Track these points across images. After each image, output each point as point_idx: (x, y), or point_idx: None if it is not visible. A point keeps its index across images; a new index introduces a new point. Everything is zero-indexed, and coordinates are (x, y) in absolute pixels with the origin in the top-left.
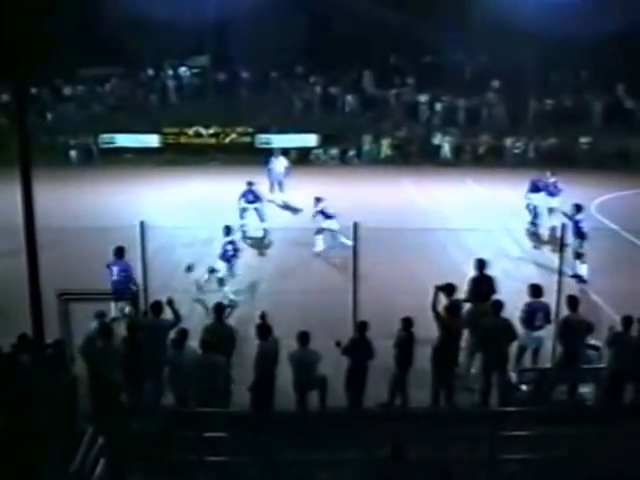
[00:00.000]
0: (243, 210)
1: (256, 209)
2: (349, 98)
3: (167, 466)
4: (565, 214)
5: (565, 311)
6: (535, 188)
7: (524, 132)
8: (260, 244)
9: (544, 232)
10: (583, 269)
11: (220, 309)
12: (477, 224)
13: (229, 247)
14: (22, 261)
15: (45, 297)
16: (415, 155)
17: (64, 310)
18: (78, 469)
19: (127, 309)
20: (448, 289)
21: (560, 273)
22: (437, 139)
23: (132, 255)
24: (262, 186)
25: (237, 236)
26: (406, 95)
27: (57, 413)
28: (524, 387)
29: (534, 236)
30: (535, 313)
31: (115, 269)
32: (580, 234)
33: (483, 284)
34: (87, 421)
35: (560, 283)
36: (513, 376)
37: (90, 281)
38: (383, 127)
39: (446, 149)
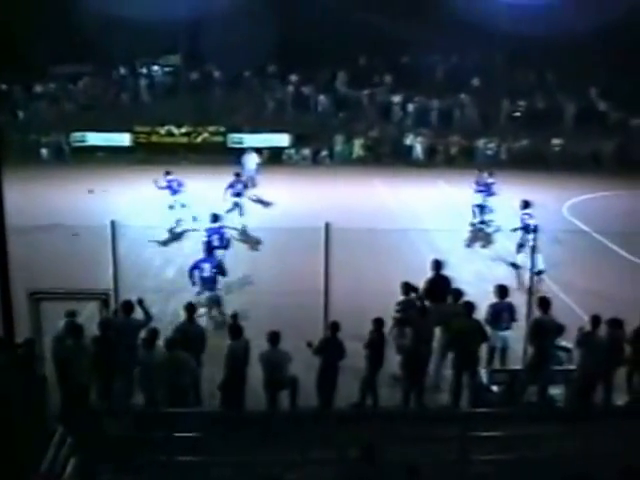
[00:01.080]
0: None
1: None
2: (322, 98)
3: (137, 466)
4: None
5: (536, 311)
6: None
7: (496, 133)
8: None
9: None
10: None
11: (192, 308)
12: (448, 225)
13: (214, 236)
14: None
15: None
16: (387, 156)
17: (35, 309)
18: (48, 469)
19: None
20: (405, 288)
21: (532, 274)
22: (409, 140)
23: (103, 255)
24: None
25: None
26: (379, 95)
27: (27, 413)
28: (495, 388)
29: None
30: (501, 313)
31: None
32: (526, 228)
33: (439, 284)
34: (57, 421)
35: (531, 284)
36: (484, 377)
37: (61, 280)
38: (356, 127)
39: (418, 150)
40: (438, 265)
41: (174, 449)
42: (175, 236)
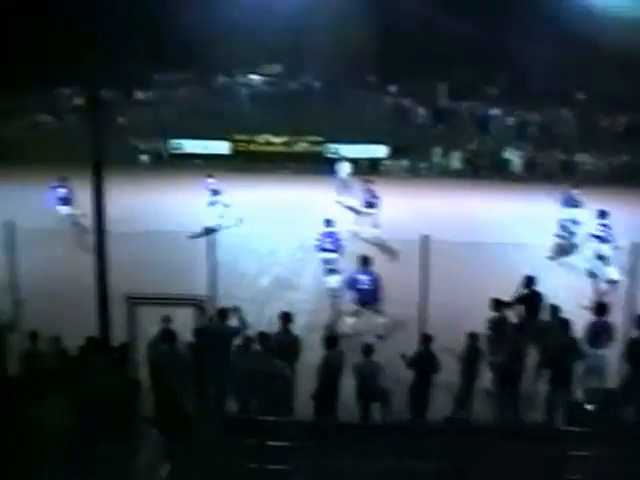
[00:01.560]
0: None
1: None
2: (421, 110)
3: (229, 473)
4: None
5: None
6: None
7: (596, 148)
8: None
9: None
10: (610, 272)
11: (286, 317)
12: (546, 240)
13: (327, 240)
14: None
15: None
16: (485, 169)
17: (132, 314)
18: (141, 472)
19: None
20: (495, 304)
21: (630, 291)
22: (508, 153)
23: (201, 262)
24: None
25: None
26: (478, 108)
27: (120, 415)
28: (590, 407)
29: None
30: (599, 332)
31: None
32: (601, 239)
33: (533, 300)
34: (150, 425)
35: (630, 302)
36: (579, 395)
37: (157, 286)
38: (454, 140)
39: (517, 163)
40: (531, 281)
41: (266, 457)
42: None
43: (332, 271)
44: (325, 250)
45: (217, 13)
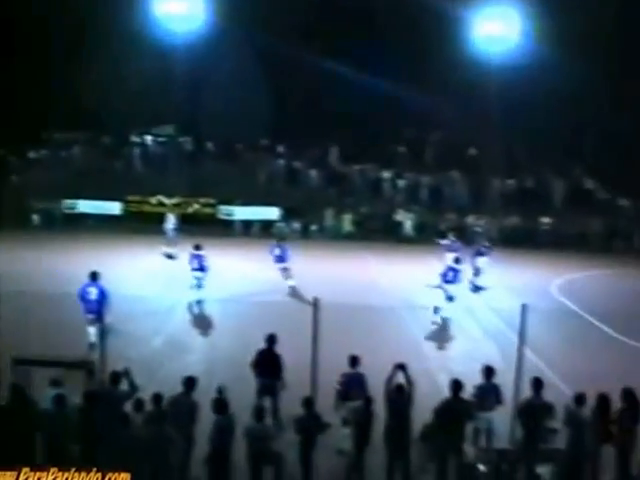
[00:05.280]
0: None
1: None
2: (312, 172)
3: None
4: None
5: (522, 391)
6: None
7: (486, 211)
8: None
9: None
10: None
11: (191, 382)
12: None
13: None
14: None
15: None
16: (377, 231)
17: (22, 375)
18: None
19: None
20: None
21: (519, 353)
22: (400, 216)
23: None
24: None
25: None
26: (369, 171)
27: None
28: (482, 467)
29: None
30: (487, 394)
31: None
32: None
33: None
34: None
35: (519, 363)
36: (471, 456)
37: (47, 346)
38: (346, 202)
39: (408, 226)
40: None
41: None
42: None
43: (198, 286)
44: (194, 269)
45: (110, 73)
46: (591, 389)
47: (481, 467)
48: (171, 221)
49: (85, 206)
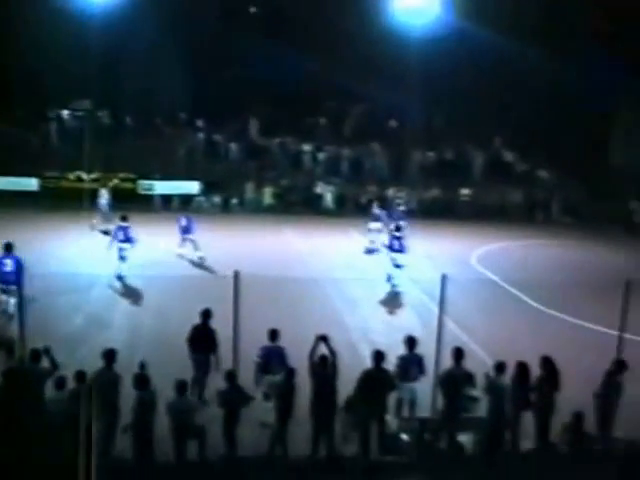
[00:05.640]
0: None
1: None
2: (233, 146)
3: None
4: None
5: (443, 361)
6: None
7: (407, 183)
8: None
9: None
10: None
11: (111, 355)
12: (359, 273)
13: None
14: None
15: None
16: (298, 204)
17: None
18: None
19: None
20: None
21: (440, 323)
22: (320, 188)
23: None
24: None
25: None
26: (289, 144)
27: None
28: (405, 436)
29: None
30: (409, 365)
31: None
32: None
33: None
34: None
35: (440, 333)
36: (393, 425)
37: None
38: (266, 176)
39: (328, 198)
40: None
41: None
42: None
43: (122, 258)
44: (120, 241)
45: (25, 46)
46: (510, 357)
47: (404, 437)
48: (104, 196)
49: (1, 183)
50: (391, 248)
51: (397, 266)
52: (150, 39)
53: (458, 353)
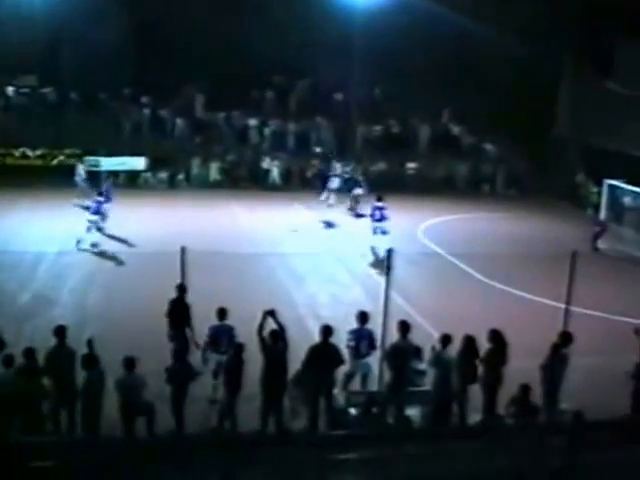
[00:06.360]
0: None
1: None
2: (179, 121)
3: None
4: None
5: (390, 334)
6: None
7: (352, 157)
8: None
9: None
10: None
11: (62, 330)
12: (306, 248)
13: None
14: None
15: None
16: (244, 179)
17: None
18: None
19: None
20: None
21: (386, 297)
22: (266, 163)
23: None
24: None
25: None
26: (235, 119)
27: None
28: (353, 410)
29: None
30: (361, 340)
31: None
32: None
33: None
34: None
35: (386, 307)
36: (341, 399)
37: None
38: (212, 151)
39: (275, 173)
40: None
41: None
42: None
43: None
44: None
45: None
46: (457, 330)
47: (352, 411)
48: (80, 173)
49: None
50: (373, 218)
51: (384, 233)
52: (94, 13)
53: (404, 326)
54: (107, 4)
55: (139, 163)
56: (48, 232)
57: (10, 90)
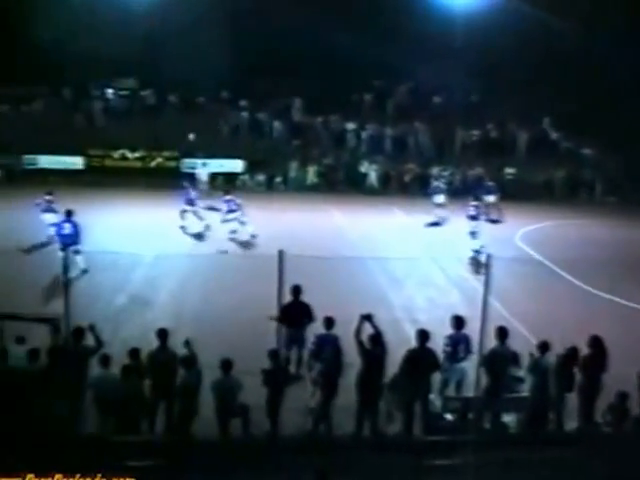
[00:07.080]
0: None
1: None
2: (277, 124)
3: None
4: None
5: (488, 339)
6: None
7: (450, 161)
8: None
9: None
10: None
11: (164, 333)
12: (403, 252)
13: None
14: None
15: None
16: (341, 183)
17: None
18: None
19: None
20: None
21: (485, 302)
22: (363, 167)
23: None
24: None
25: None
26: (333, 123)
27: None
28: (449, 416)
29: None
30: (458, 345)
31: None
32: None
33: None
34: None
35: (484, 312)
36: (437, 404)
37: (12, 303)
38: (310, 154)
39: (372, 177)
40: (297, 291)
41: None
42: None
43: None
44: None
45: (71, 26)
46: (555, 337)
47: (447, 416)
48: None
49: (46, 161)
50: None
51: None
52: (193, 17)
53: (502, 332)
54: (207, 7)
55: (237, 165)
56: (145, 234)
57: (110, 92)
